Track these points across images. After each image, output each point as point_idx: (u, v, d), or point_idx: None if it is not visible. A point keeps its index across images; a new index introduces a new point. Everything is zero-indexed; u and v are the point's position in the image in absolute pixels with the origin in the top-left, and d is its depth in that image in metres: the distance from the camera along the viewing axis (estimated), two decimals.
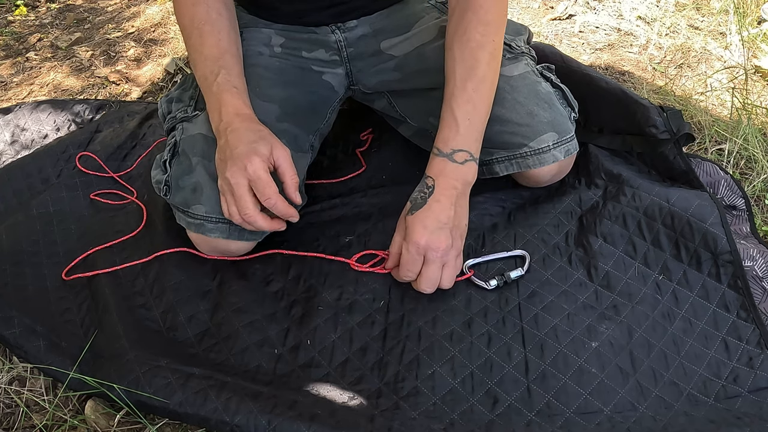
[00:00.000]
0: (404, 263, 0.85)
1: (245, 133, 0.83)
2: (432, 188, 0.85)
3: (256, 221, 0.83)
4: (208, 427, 0.74)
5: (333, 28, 1.03)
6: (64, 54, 1.79)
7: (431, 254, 0.83)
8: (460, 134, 0.87)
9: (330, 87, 1.06)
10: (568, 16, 1.66)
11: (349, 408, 0.75)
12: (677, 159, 1.00)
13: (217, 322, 0.87)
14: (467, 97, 0.87)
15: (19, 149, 1.32)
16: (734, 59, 1.43)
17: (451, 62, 0.90)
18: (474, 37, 0.88)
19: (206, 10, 0.91)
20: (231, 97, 0.87)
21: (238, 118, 0.85)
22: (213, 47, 0.90)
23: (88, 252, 0.99)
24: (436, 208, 0.84)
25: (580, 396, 0.74)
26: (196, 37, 0.91)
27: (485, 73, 0.88)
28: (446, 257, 0.83)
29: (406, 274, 0.85)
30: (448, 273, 0.85)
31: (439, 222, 0.83)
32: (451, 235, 0.84)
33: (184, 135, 0.93)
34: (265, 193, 0.82)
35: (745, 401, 0.73)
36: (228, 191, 0.83)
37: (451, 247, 0.83)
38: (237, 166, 0.81)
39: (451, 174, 0.86)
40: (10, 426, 0.80)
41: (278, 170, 0.85)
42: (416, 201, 0.86)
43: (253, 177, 0.81)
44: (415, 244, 0.83)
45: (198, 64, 0.91)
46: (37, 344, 0.85)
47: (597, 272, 0.88)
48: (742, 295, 0.82)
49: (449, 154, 0.86)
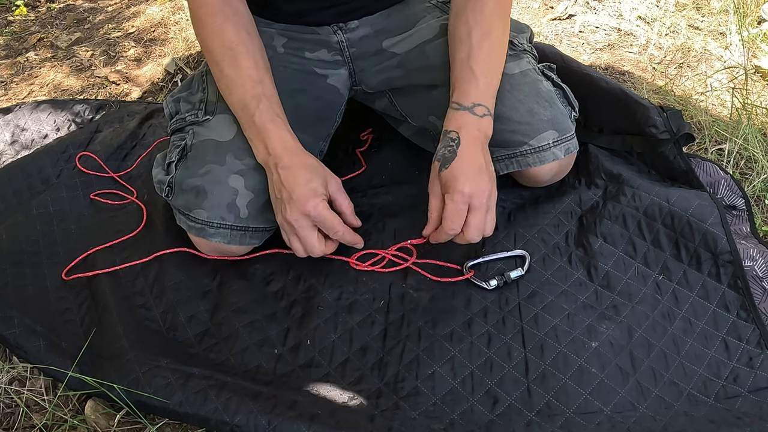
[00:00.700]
0: (449, 216, 0.82)
1: (299, 171, 0.84)
2: (458, 140, 0.85)
3: (323, 254, 0.87)
4: (208, 427, 0.74)
5: (335, 28, 1.03)
6: (64, 54, 1.79)
7: (477, 200, 0.81)
8: (480, 89, 0.87)
9: (335, 90, 1.06)
10: (568, 16, 1.66)
11: (349, 408, 0.75)
12: (677, 159, 1.00)
13: (217, 322, 0.87)
14: (485, 56, 0.88)
15: (19, 149, 1.32)
16: (734, 59, 1.43)
17: (464, 27, 0.90)
18: (488, 4, 0.90)
19: (235, 29, 0.90)
20: (276, 129, 0.87)
21: (288, 153, 0.86)
22: (250, 70, 0.89)
23: (88, 252, 0.99)
24: (468, 156, 0.83)
25: (580, 396, 0.74)
26: (230, 59, 0.89)
27: (500, 39, 0.91)
28: (490, 201, 0.83)
29: (451, 228, 0.82)
30: (491, 219, 0.84)
31: (476, 168, 0.83)
32: (490, 179, 0.83)
33: (195, 140, 0.93)
34: (332, 230, 0.85)
35: (745, 401, 0.73)
36: (290, 231, 0.85)
37: (492, 192, 0.83)
38: (298, 210, 0.83)
39: (473, 125, 0.86)
40: (10, 426, 0.80)
41: (334, 202, 0.88)
42: (445, 156, 0.84)
43: (317, 219, 0.84)
44: (460, 192, 0.81)
45: (234, 89, 0.89)
46: (37, 344, 0.85)
47: (597, 272, 0.88)
48: (742, 295, 0.82)
49: (470, 107, 0.87)
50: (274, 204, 0.87)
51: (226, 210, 0.88)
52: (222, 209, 0.88)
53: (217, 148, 0.90)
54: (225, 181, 0.88)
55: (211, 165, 0.89)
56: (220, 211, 0.88)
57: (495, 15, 0.90)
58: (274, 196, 0.86)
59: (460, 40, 0.91)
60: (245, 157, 0.90)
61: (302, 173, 0.84)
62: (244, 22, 0.92)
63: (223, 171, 0.89)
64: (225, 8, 0.91)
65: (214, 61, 0.91)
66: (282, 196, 0.84)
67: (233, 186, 0.88)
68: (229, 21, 0.90)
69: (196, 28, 0.93)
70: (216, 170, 0.89)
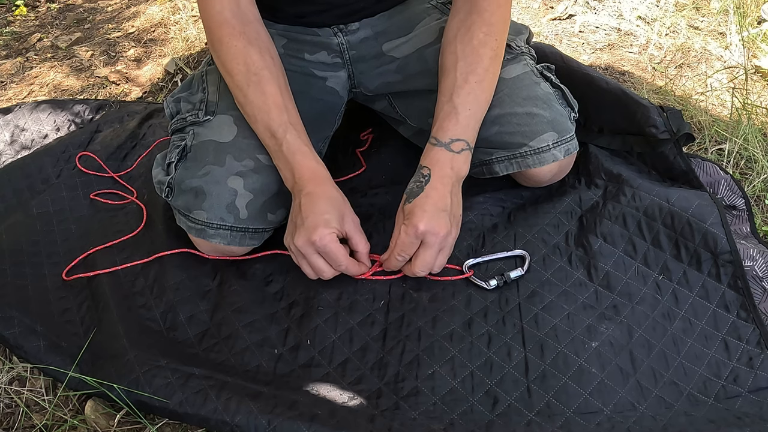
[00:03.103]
0: (400, 246, 0.84)
1: (318, 201, 0.84)
2: (428, 177, 0.85)
3: (333, 276, 0.87)
4: (208, 427, 0.74)
5: (335, 30, 1.03)
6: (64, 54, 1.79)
7: (430, 238, 0.82)
8: (460, 124, 0.87)
9: (335, 93, 1.06)
10: (568, 16, 1.66)
11: (349, 408, 0.75)
12: (677, 159, 1.00)
13: (217, 322, 0.87)
14: (469, 89, 0.88)
15: (19, 149, 1.32)
16: (734, 59, 1.43)
17: (451, 57, 0.90)
18: (477, 35, 0.89)
19: (260, 54, 0.90)
20: (303, 158, 0.87)
21: (313, 182, 0.86)
22: (275, 97, 0.89)
23: (88, 252, 0.99)
24: (434, 194, 0.84)
25: (580, 396, 0.74)
26: (254, 85, 0.89)
27: (488, 68, 0.89)
28: (444, 243, 0.83)
29: (399, 255, 0.84)
30: (442, 259, 0.85)
31: (438, 207, 0.83)
32: (449, 221, 0.84)
33: (195, 141, 0.93)
34: (336, 263, 0.85)
35: (745, 401, 0.73)
36: (297, 255, 0.86)
37: (449, 234, 0.83)
38: (304, 237, 0.83)
39: (446, 163, 0.86)
40: (10, 426, 0.80)
41: (350, 241, 0.87)
42: (412, 190, 0.86)
43: (322, 250, 0.83)
44: (414, 227, 0.82)
45: (259, 116, 0.89)
46: (37, 344, 0.85)
47: (597, 272, 0.88)
48: (742, 295, 0.82)
49: (447, 143, 0.87)
50: (288, 225, 0.87)
51: (225, 211, 0.88)
52: (221, 210, 0.88)
53: (217, 149, 0.90)
54: (224, 182, 0.88)
55: (211, 166, 0.89)
56: (220, 212, 0.88)
57: (484, 46, 0.89)
58: (291, 219, 0.87)
59: (447, 70, 0.91)
60: (245, 158, 0.90)
61: (321, 203, 0.84)
62: (267, 45, 0.92)
63: (222, 172, 0.89)
64: (247, 30, 0.90)
65: (236, 86, 0.90)
66: (297, 220, 0.85)
67: (232, 187, 0.88)
68: (252, 45, 0.90)
69: (216, 50, 0.92)
70: (215, 171, 0.89)
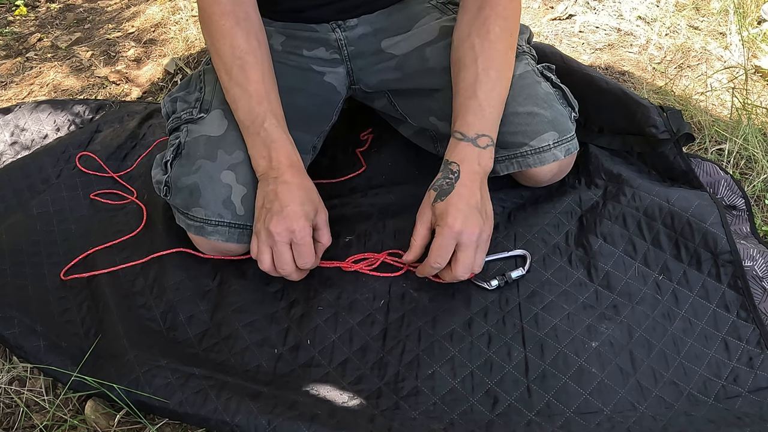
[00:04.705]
0: (436, 249, 0.82)
1: (297, 191, 0.84)
2: (458, 173, 0.85)
3: (290, 275, 0.86)
4: (208, 427, 0.74)
5: (333, 26, 1.03)
6: (64, 54, 1.79)
7: (466, 238, 0.81)
8: (485, 119, 0.87)
9: (332, 89, 1.06)
10: (568, 16, 1.66)
11: (349, 408, 0.75)
12: (677, 159, 1.00)
13: (217, 322, 0.87)
14: (492, 84, 0.88)
15: (19, 149, 1.32)
16: (734, 59, 1.43)
17: (469, 52, 0.90)
18: (494, 30, 0.89)
19: (246, 36, 0.89)
20: (282, 145, 0.87)
21: (291, 170, 0.86)
22: (258, 83, 0.89)
23: (87, 252, 0.99)
24: (464, 192, 0.83)
25: (580, 396, 0.74)
26: (238, 69, 0.88)
27: (506, 63, 0.90)
28: (480, 240, 0.82)
29: (436, 262, 0.82)
30: (480, 257, 0.83)
31: (470, 205, 0.82)
32: (482, 218, 0.83)
33: (189, 137, 0.93)
34: (305, 257, 0.85)
35: (745, 401, 0.73)
36: (266, 241, 0.84)
37: (484, 231, 0.83)
38: (285, 224, 0.82)
39: (474, 159, 0.85)
40: (10, 426, 0.80)
41: (317, 232, 0.87)
42: (442, 187, 0.84)
43: (299, 241, 0.83)
44: (450, 227, 0.81)
45: (240, 101, 0.89)
46: (37, 344, 0.85)
47: (597, 272, 0.88)
48: (742, 295, 0.82)
49: (474, 138, 0.86)
50: (257, 213, 0.86)
51: (222, 207, 0.88)
52: (218, 206, 0.88)
53: (208, 144, 0.91)
54: (217, 177, 0.88)
55: (203, 160, 0.90)
56: (217, 208, 0.88)
57: (501, 40, 0.89)
58: (260, 204, 0.86)
59: (465, 65, 0.90)
60: (235, 150, 0.90)
61: (300, 193, 0.84)
62: (255, 28, 0.92)
63: (215, 167, 0.89)
64: (237, 10, 0.90)
65: (223, 69, 0.90)
66: (272, 207, 0.83)
67: (226, 182, 0.88)
68: (240, 25, 0.90)
69: (205, 27, 0.92)
70: (207, 166, 0.89)
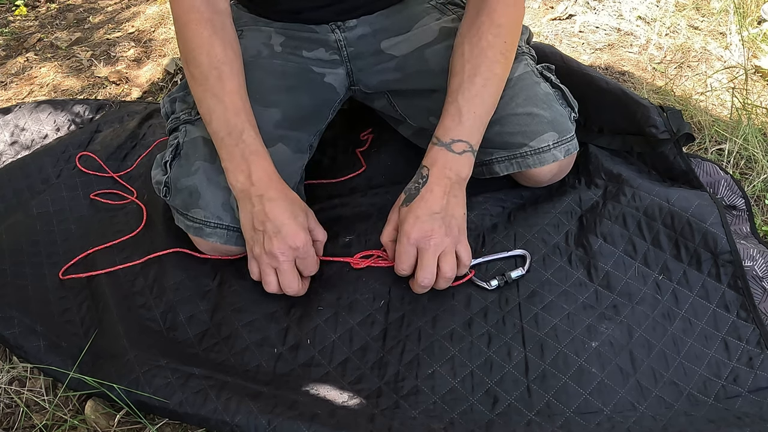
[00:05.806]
0: (398, 256, 0.84)
1: (284, 205, 0.84)
2: (426, 178, 0.85)
3: (298, 293, 0.87)
4: (208, 427, 0.74)
5: (333, 27, 1.03)
6: (64, 54, 1.79)
7: (423, 243, 0.82)
8: (463, 125, 0.87)
9: (332, 89, 1.06)
10: (568, 16, 1.66)
11: (349, 407, 0.75)
12: (677, 159, 1.00)
13: (217, 322, 0.87)
14: (475, 91, 0.87)
15: (19, 149, 1.32)
16: (734, 59, 1.43)
17: (459, 59, 0.90)
18: (486, 37, 0.89)
19: (223, 47, 0.88)
20: (260, 160, 0.86)
21: (272, 185, 0.85)
22: (234, 94, 0.87)
23: (87, 252, 0.99)
24: (429, 197, 0.84)
25: (580, 396, 0.74)
26: (215, 79, 0.87)
27: (495, 70, 0.89)
28: (441, 245, 0.82)
29: (401, 268, 0.85)
30: (447, 265, 0.83)
31: (431, 211, 0.83)
32: (444, 223, 0.83)
33: (187, 138, 0.93)
34: (309, 268, 0.86)
35: (745, 401, 0.73)
36: (269, 264, 0.84)
37: (445, 235, 0.83)
38: (287, 243, 0.82)
39: (446, 164, 0.86)
40: (10, 426, 0.80)
41: (312, 232, 0.88)
42: (410, 192, 0.86)
43: (304, 255, 0.84)
44: (406, 234, 0.83)
45: (215, 112, 0.86)
46: (37, 344, 0.85)
47: (597, 272, 0.88)
48: (742, 295, 0.82)
49: (448, 143, 0.86)
50: (249, 235, 0.85)
51: (221, 209, 0.88)
52: (218, 209, 0.88)
53: (206, 145, 0.91)
54: (216, 179, 0.89)
55: (201, 162, 0.90)
56: (216, 210, 0.88)
57: (492, 47, 0.88)
58: (251, 227, 0.85)
59: (455, 72, 0.90)
60: None
61: (289, 207, 0.84)
62: (230, 39, 0.90)
63: (213, 169, 0.89)
64: (214, 19, 0.89)
65: (198, 78, 0.88)
66: (266, 228, 0.83)
67: (225, 185, 0.88)
68: (217, 35, 0.88)
69: (181, 35, 0.90)
70: (206, 168, 0.89)
